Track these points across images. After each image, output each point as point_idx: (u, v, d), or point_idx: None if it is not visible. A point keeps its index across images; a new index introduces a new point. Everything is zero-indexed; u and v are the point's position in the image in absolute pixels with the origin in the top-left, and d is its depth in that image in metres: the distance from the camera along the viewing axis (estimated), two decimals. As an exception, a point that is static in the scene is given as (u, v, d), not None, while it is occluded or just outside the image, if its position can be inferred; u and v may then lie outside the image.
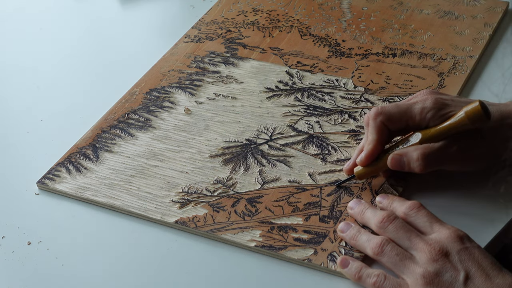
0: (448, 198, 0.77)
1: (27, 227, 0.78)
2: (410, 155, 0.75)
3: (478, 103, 0.73)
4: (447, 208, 0.76)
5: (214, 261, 0.73)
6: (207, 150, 0.85)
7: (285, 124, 0.87)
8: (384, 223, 0.71)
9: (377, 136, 0.77)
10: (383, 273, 0.68)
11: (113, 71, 1.00)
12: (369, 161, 0.77)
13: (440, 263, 0.66)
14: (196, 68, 0.97)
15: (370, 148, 0.77)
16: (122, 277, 0.73)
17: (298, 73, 0.95)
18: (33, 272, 0.74)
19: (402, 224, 0.70)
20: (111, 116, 0.91)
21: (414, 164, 0.75)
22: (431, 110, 0.76)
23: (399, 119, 0.77)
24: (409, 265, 0.67)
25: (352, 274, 0.69)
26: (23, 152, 0.88)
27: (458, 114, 0.74)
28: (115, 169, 0.83)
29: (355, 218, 0.75)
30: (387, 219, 0.71)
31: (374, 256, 0.70)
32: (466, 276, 0.65)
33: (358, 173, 0.78)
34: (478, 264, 0.66)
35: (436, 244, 0.67)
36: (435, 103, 0.76)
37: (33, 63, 1.03)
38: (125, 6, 1.13)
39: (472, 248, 0.67)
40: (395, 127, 0.77)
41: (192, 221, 0.76)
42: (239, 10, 1.07)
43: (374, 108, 0.78)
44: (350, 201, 0.76)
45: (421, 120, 0.76)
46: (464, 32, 0.99)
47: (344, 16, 1.04)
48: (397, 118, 0.77)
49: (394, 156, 0.76)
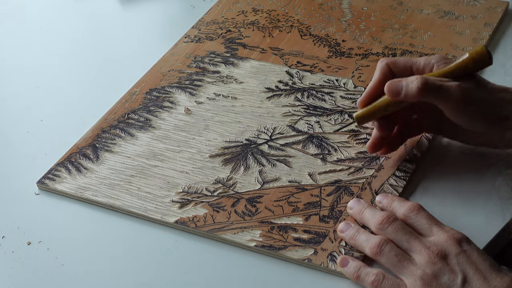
0: (448, 198, 0.77)
1: (27, 227, 0.78)
2: (410, 78, 0.75)
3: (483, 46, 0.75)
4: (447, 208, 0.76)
5: (214, 261, 0.73)
6: (207, 150, 0.85)
7: (285, 124, 0.87)
8: (384, 225, 0.71)
9: (380, 76, 0.78)
10: (381, 273, 0.68)
11: (113, 71, 1.00)
12: (368, 100, 0.79)
13: (438, 266, 0.66)
14: (196, 68, 0.97)
15: (371, 86, 0.79)
16: (122, 277, 0.73)
17: (298, 73, 0.95)
18: (33, 272, 0.74)
19: (401, 226, 0.70)
20: (111, 116, 0.91)
21: (413, 84, 0.74)
22: (436, 58, 0.78)
23: (404, 64, 0.79)
24: (407, 266, 0.67)
25: (351, 273, 0.69)
26: (23, 152, 0.88)
27: (463, 56, 0.75)
28: (115, 169, 0.83)
29: (354, 217, 0.75)
30: (387, 221, 0.71)
31: (373, 256, 0.70)
32: (463, 279, 0.65)
33: (357, 116, 0.79)
34: (476, 267, 0.66)
35: (435, 247, 0.67)
36: (441, 58, 0.78)
37: (33, 62, 1.03)
38: (125, 6, 1.13)
39: (470, 251, 0.67)
40: (400, 71, 0.79)
41: (192, 221, 0.76)
42: (239, 10, 1.07)
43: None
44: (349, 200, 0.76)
45: (425, 65, 0.78)
46: (464, 32, 0.99)
47: (344, 16, 1.04)
48: (402, 62, 0.79)
49: (392, 81, 0.76)
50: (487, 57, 0.75)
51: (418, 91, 0.74)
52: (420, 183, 0.79)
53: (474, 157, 0.81)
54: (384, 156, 0.82)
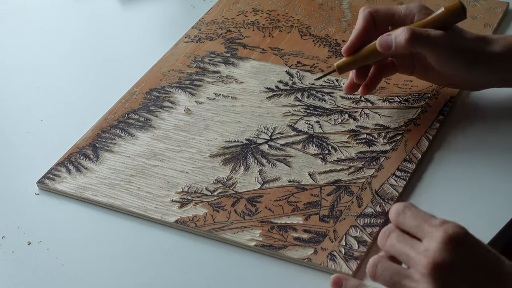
0: (448, 198, 0.77)
1: (27, 227, 0.78)
2: (397, 31, 0.79)
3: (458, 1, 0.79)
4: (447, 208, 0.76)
5: (214, 260, 0.73)
6: (207, 150, 0.85)
7: (285, 124, 0.87)
8: (382, 241, 0.65)
9: (363, 24, 0.81)
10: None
11: (113, 71, 1.00)
12: (351, 49, 0.81)
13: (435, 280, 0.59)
14: (196, 68, 0.97)
15: (354, 35, 0.81)
16: (122, 277, 0.73)
17: (298, 73, 0.95)
18: (33, 272, 0.74)
19: (396, 237, 0.64)
20: (111, 116, 0.91)
21: (401, 35, 0.78)
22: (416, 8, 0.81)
23: (386, 13, 0.82)
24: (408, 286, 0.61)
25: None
26: (23, 152, 0.88)
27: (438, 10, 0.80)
28: (115, 169, 0.83)
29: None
30: (382, 235, 0.65)
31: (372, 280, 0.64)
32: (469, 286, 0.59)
33: (338, 65, 0.81)
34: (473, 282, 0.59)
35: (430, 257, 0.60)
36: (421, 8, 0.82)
37: (33, 62, 1.03)
38: (125, 6, 1.13)
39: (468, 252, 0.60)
40: (382, 19, 0.82)
41: (192, 220, 0.76)
42: (239, 10, 1.07)
43: None
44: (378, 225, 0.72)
45: (407, 13, 0.81)
46: (464, 32, 0.99)
47: (344, 16, 1.04)
48: (384, 11, 0.82)
49: (382, 36, 0.79)
50: (461, 10, 0.79)
51: (406, 42, 0.77)
52: (420, 183, 0.79)
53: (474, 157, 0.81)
54: (384, 156, 0.82)
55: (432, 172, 0.80)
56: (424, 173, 0.80)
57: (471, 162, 0.81)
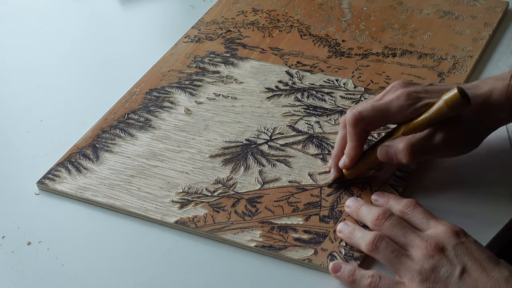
0: (448, 198, 0.77)
1: (27, 227, 0.78)
2: (396, 146, 0.75)
3: (456, 90, 0.71)
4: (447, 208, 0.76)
5: (214, 261, 0.73)
6: (207, 150, 0.85)
7: (285, 124, 0.87)
8: (380, 220, 0.71)
9: (358, 142, 0.77)
10: (377, 273, 0.68)
11: (113, 71, 1.00)
12: (352, 164, 0.78)
13: (436, 259, 0.66)
14: (196, 68, 0.97)
15: (353, 154, 0.77)
16: (122, 277, 0.73)
17: (298, 73, 0.95)
18: (33, 272, 0.74)
19: (397, 221, 0.70)
20: (111, 116, 0.91)
21: (401, 154, 0.75)
22: (409, 106, 0.75)
23: (379, 122, 0.77)
24: (405, 262, 0.67)
25: (346, 278, 0.69)
26: (23, 152, 0.88)
27: (438, 103, 0.73)
28: (115, 169, 0.83)
29: (352, 215, 0.75)
30: (383, 216, 0.71)
31: (369, 253, 0.69)
32: (462, 270, 0.65)
33: (346, 173, 0.78)
34: (474, 258, 0.66)
35: (432, 240, 0.67)
36: (409, 98, 0.75)
37: (33, 62, 1.03)
38: (125, 6, 1.13)
39: (468, 242, 0.67)
40: (376, 128, 0.78)
41: (192, 221, 0.76)
42: (239, 10, 1.07)
43: (350, 112, 0.76)
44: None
45: (402, 118, 0.75)
46: (464, 32, 0.99)
47: (344, 16, 1.04)
48: (376, 121, 0.76)
49: (382, 148, 0.76)
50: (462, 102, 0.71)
51: (407, 162, 0.75)
52: (420, 183, 0.79)
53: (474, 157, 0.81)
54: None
55: (432, 172, 0.80)
56: (424, 173, 0.80)
57: (471, 162, 0.81)
